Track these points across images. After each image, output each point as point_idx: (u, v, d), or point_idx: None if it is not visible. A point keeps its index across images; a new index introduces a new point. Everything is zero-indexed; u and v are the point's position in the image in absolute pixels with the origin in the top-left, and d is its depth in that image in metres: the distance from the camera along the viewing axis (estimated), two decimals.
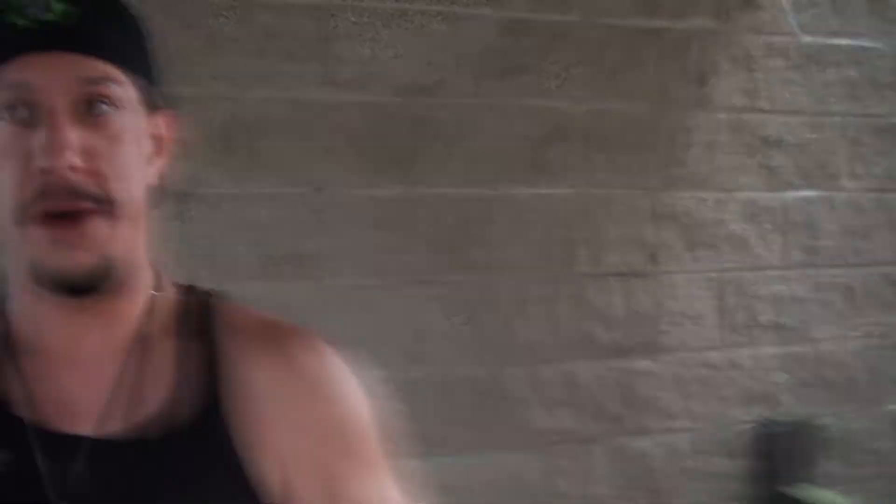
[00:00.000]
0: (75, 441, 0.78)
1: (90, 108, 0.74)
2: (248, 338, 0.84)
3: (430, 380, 2.06)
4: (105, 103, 0.75)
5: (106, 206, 0.75)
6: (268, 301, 2.03)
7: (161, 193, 0.82)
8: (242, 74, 1.90)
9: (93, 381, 0.79)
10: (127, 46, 0.78)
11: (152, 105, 0.80)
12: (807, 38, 2.40)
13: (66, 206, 0.73)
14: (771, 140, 2.38)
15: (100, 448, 0.77)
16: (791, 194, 2.41)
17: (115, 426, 0.78)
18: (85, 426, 0.78)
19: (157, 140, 0.82)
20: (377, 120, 2.01)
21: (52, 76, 0.73)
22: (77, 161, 0.73)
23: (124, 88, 0.76)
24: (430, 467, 0.89)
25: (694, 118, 2.30)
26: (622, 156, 2.21)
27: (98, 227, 0.74)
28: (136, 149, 0.78)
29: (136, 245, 0.80)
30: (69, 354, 0.80)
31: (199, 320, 0.84)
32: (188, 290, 0.87)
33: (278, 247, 1.95)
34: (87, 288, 0.75)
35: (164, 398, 0.79)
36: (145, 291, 0.83)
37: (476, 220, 2.09)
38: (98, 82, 0.74)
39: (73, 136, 0.73)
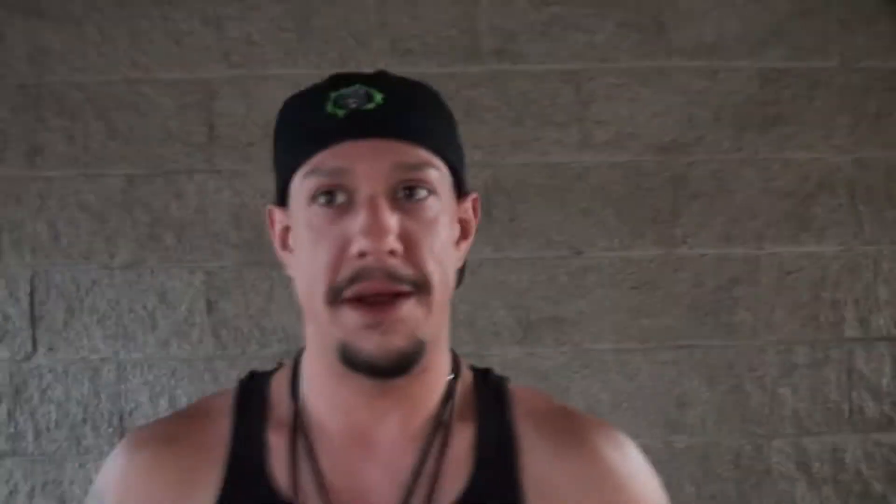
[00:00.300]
0: None
1: (408, 194, 0.74)
2: (549, 429, 0.81)
3: (692, 450, 1.96)
4: (423, 189, 0.74)
5: (422, 289, 0.74)
6: (527, 365, 2.04)
7: (461, 275, 0.81)
8: (501, 142, 1.93)
9: (389, 468, 0.77)
10: (440, 132, 0.78)
11: (460, 189, 0.80)
12: None
13: (383, 289, 0.72)
14: None
15: None
16: None
17: None
18: None
19: (463, 224, 0.81)
20: (636, 180, 1.97)
21: (371, 162, 0.73)
22: (397, 245, 0.72)
23: (440, 174, 0.76)
24: None
25: None
26: (889, 208, 2.05)
27: (413, 311, 0.73)
28: (448, 234, 0.77)
29: (441, 327, 0.79)
30: (366, 439, 0.78)
31: (495, 406, 0.82)
32: (483, 375, 0.85)
33: (538, 311, 1.94)
34: (398, 372, 0.74)
35: (463, 488, 0.76)
36: (444, 375, 0.81)
37: (739, 281, 1.99)
38: (417, 168, 0.74)
39: (393, 221, 0.72)
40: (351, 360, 0.74)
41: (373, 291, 0.72)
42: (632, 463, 0.82)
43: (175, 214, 1.90)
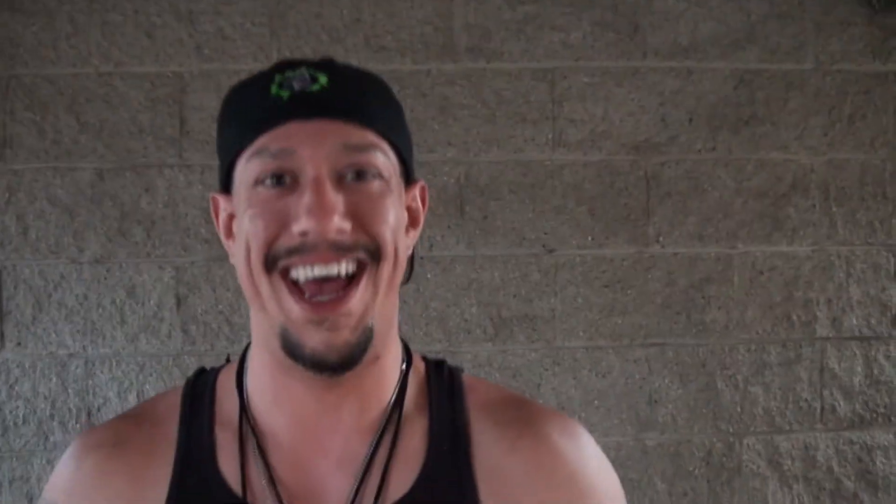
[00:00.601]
0: None
1: (355, 176, 0.72)
2: (502, 420, 0.79)
3: (663, 447, 1.97)
4: (370, 172, 0.72)
5: (375, 257, 0.72)
6: (499, 362, 2.04)
7: (411, 266, 0.80)
8: (475, 139, 1.93)
9: (341, 461, 0.75)
10: (387, 117, 0.76)
11: (407, 176, 0.78)
12: None
13: (329, 260, 0.70)
14: None
15: None
16: None
17: None
18: None
19: (412, 212, 0.79)
20: (609, 179, 1.97)
21: (316, 143, 0.71)
22: (344, 224, 0.70)
23: (387, 158, 0.74)
24: None
25: None
26: (862, 210, 2.06)
27: (362, 297, 0.71)
28: (398, 216, 0.75)
29: (391, 316, 0.77)
30: (316, 432, 0.76)
31: (448, 397, 0.80)
32: (436, 365, 0.84)
33: (510, 308, 1.93)
34: (345, 367, 0.72)
35: (414, 479, 0.75)
36: (396, 365, 0.80)
37: (711, 280, 1.99)
38: (364, 150, 0.72)
39: (339, 201, 0.70)
40: (294, 353, 0.72)
41: (318, 262, 0.70)
42: (585, 453, 0.80)
43: (145, 209, 1.88)
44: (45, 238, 1.87)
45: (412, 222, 0.80)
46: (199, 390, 0.81)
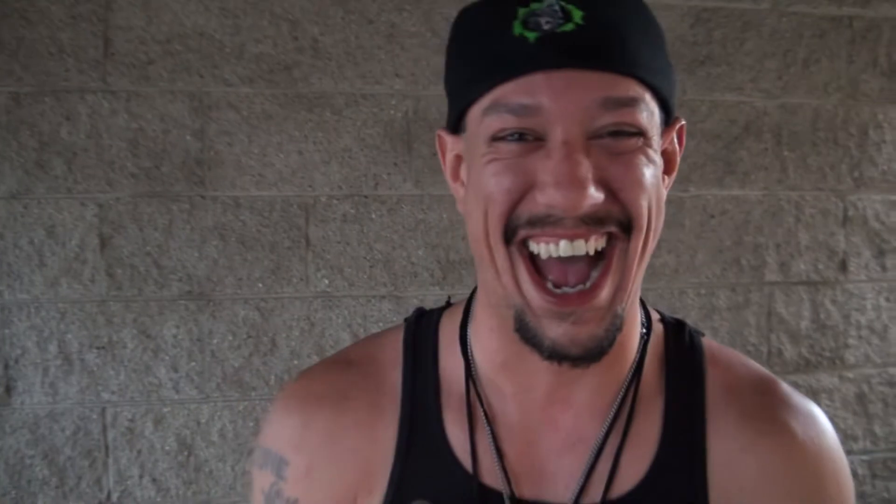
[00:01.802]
0: None
1: (613, 136, 0.62)
2: (743, 408, 0.71)
3: None
4: (631, 129, 0.62)
5: (631, 232, 0.63)
6: None
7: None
8: (424, 70, 1.83)
9: (570, 444, 0.70)
10: (651, 56, 0.64)
11: (667, 120, 0.67)
12: None
13: (576, 236, 0.62)
14: None
15: None
16: None
17: (592, 498, 0.67)
18: (558, 495, 0.68)
19: (668, 156, 0.69)
20: None
21: (568, 100, 0.60)
22: (597, 196, 0.60)
23: (649, 111, 0.63)
24: None
25: (885, 113, 2.12)
26: (813, 154, 2.05)
27: (610, 285, 0.63)
28: (656, 174, 0.65)
29: (638, 287, 0.68)
30: (546, 408, 0.70)
31: (688, 373, 0.72)
32: (676, 330, 0.75)
33: (458, 251, 1.87)
34: (590, 360, 0.64)
35: (645, 470, 0.69)
36: (637, 331, 0.71)
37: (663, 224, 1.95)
38: (626, 105, 0.61)
39: (590, 170, 0.60)
40: (530, 341, 0.65)
41: (565, 237, 0.62)
42: (830, 458, 0.72)
43: (65, 139, 1.74)
44: None
45: (667, 168, 0.69)
46: (422, 338, 0.75)
